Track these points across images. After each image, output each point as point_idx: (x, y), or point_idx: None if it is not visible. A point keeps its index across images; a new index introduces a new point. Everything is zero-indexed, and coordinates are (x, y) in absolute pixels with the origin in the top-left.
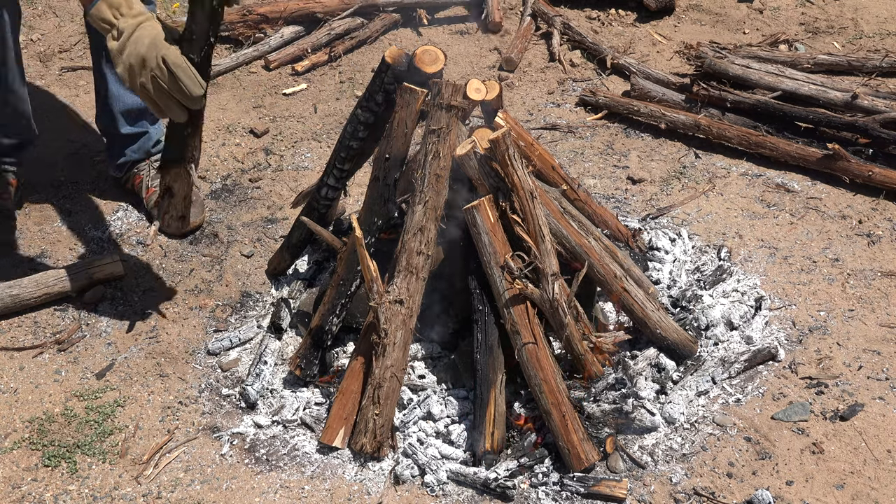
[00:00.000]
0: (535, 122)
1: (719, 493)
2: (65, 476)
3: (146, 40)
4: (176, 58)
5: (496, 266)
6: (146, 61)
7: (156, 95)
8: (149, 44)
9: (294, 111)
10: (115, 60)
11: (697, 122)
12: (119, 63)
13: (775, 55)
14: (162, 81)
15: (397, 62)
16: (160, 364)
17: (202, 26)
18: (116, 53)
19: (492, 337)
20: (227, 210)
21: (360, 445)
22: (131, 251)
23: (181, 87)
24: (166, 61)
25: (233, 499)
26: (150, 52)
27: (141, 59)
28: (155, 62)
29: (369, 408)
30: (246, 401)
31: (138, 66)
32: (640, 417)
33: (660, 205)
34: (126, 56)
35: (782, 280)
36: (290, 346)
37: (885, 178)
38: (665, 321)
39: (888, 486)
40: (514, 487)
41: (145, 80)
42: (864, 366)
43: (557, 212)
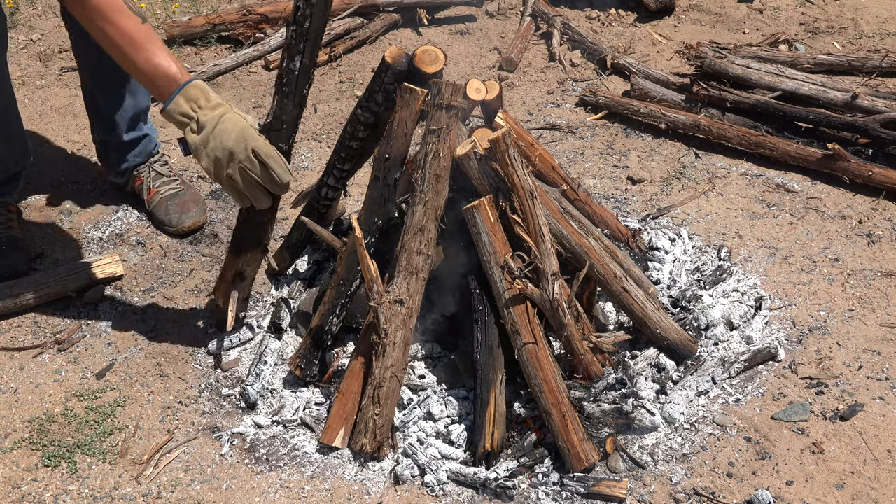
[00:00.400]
0: (535, 122)
1: (719, 493)
2: (65, 476)
3: (233, 133)
4: (267, 148)
5: (496, 266)
6: (234, 154)
7: (244, 186)
8: (236, 136)
9: None
10: (198, 153)
11: (697, 122)
12: (203, 156)
13: (775, 55)
14: (252, 173)
15: (397, 62)
16: (160, 364)
17: (292, 115)
18: (199, 147)
19: (492, 337)
20: (227, 210)
21: (360, 445)
22: (131, 251)
23: (272, 177)
24: (257, 153)
25: (233, 499)
26: (238, 144)
27: (229, 151)
28: (244, 154)
29: (369, 408)
30: (246, 401)
31: (226, 158)
32: (640, 417)
33: (660, 205)
34: (211, 149)
35: (782, 280)
36: (290, 346)
37: (885, 178)
38: (665, 321)
39: (888, 486)
40: (514, 487)
41: (233, 172)
42: (864, 366)
43: (557, 212)
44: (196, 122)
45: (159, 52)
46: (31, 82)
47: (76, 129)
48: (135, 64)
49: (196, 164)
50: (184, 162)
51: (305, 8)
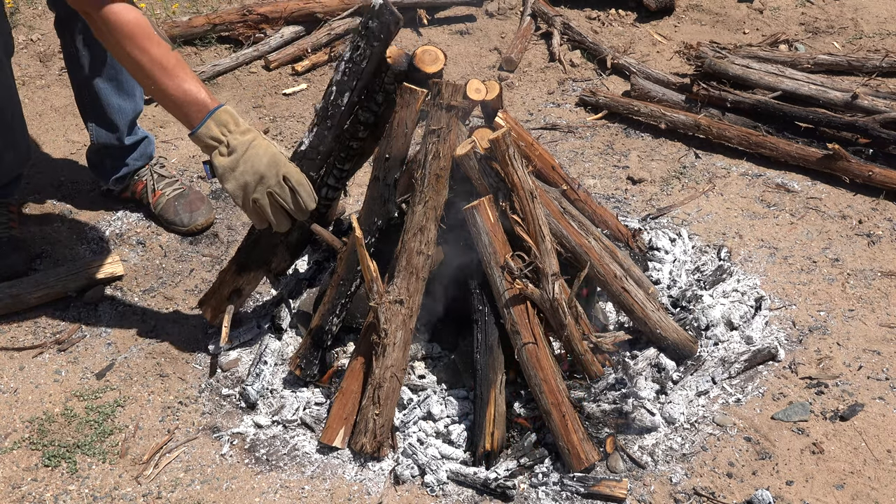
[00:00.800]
0: (535, 122)
1: (719, 493)
2: (65, 476)
3: (264, 158)
4: (299, 175)
5: (496, 266)
6: (265, 178)
7: (268, 211)
8: (268, 161)
9: (294, 111)
10: (225, 176)
11: (697, 122)
12: (230, 179)
13: (775, 55)
14: (281, 198)
15: (397, 62)
16: (160, 364)
17: (329, 147)
18: (227, 170)
19: (492, 337)
20: (227, 210)
21: (360, 445)
22: (131, 251)
23: (299, 203)
24: (288, 179)
25: (233, 499)
26: (269, 169)
27: (259, 175)
28: (275, 179)
29: (369, 408)
30: (246, 401)
31: (255, 182)
32: (640, 417)
33: (660, 205)
34: (240, 173)
35: (782, 280)
36: (290, 346)
37: (885, 178)
38: (665, 321)
39: (888, 486)
40: (514, 487)
41: (260, 197)
42: (864, 366)
43: (557, 212)
44: (226, 145)
45: (189, 79)
46: (31, 82)
47: (76, 129)
48: (165, 90)
49: (197, 164)
50: (183, 162)
51: (366, 49)
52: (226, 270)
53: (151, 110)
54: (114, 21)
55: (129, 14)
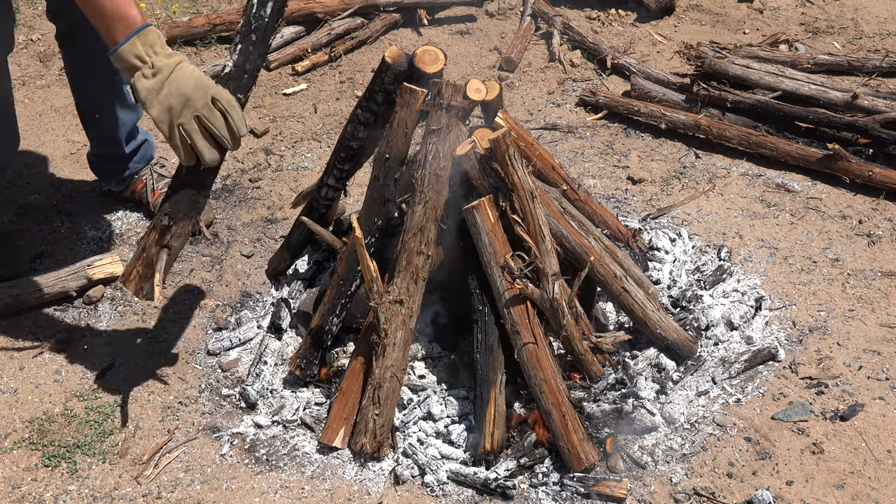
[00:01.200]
0: (535, 122)
1: (719, 493)
2: (65, 476)
3: (190, 80)
4: (229, 96)
5: (496, 266)
6: (191, 101)
7: (195, 138)
8: (195, 83)
9: (294, 111)
10: (149, 100)
11: (697, 122)
12: (154, 103)
13: (775, 55)
14: (209, 122)
15: (397, 62)
16: (160, 364)
17: (256, 64)
18: (151, 92)
19: (492, 337)
20: (227, 210)
21: (360, 445)
22: (131, 251)
23: (231, 128)
24: (217, 101)
25: (233, 499)
26: (196, 91)
27: (185, 98)
28: (203, 101)
29: (369, 408)
30: (246, 401)
31: (180, 105)
32: (640, 417)
33: (660, 205)
34: (165, 95)
35: (782, 280)
36: (290, 346)
37: (885, 178)
38: (665, 321)
39: (888, 486)
40: (514, 487)
41: (186, 122)
42: (864, 366)
43: (557, 212)
44: (150, 66)
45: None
46: (31, 82)
47: (76, 129)
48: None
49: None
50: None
51: None
52: (147, 234)
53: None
54: None
55: None
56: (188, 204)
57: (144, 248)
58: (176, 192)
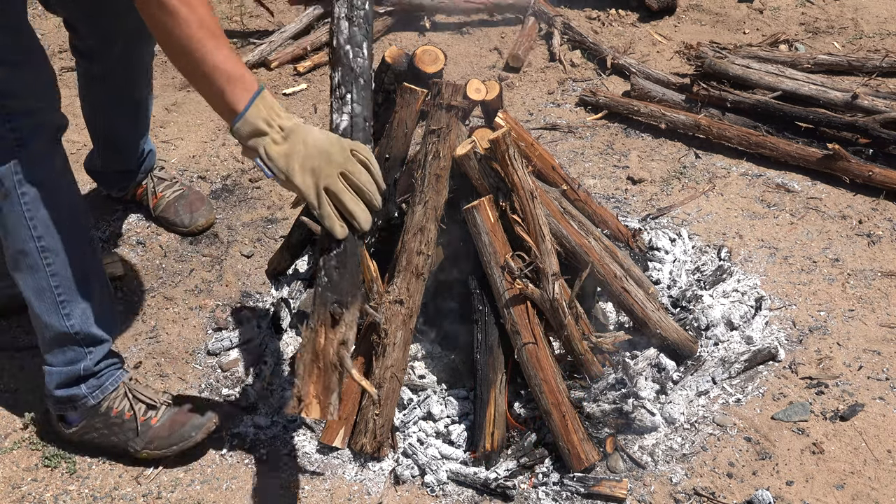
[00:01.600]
0: (535, 122)
1: (719, 493)
2: (65, 476)
3: (321, 135)
4: (364, 147)
5: (496, 266)
6: (332, 156)
7: (346, 198)
8: (327, 138)
9: (294, 111)
10: (290, 165)
11: (697, 122)
12: (295, 168)
13: (775, 55)
14: (354, 177)
15: (397, 62)
16: (160, 364)
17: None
18: (289, 157)
19: (492, 337)
20: (227, 210)
21: (360, 445)
22: (131, 251)
23: (375, 181)
24: (356, 152)
25: (233, 499)
26: (334, 146)
27: (326, 155)
28: (344, 155)
29: (369, 408)
30: (246, 401)
31: (323, 164)
32: (640, 417)
33: (660, 205)
34: (305, 157)
35: (782, 280)
36: (290, 346)
37: (885, 178)
38: (665, 321)
39: (888, 486)
40: (514, 487)
41: (332, 182)
42: (864, 366)
43: (557, 212)
44: (279, 129)
45: (230, 48)
46: None
47: (76, 129)
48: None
49: (196, 164)
50: (183, 162)
51: None
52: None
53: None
54: None
55: None
56: (352, 281)
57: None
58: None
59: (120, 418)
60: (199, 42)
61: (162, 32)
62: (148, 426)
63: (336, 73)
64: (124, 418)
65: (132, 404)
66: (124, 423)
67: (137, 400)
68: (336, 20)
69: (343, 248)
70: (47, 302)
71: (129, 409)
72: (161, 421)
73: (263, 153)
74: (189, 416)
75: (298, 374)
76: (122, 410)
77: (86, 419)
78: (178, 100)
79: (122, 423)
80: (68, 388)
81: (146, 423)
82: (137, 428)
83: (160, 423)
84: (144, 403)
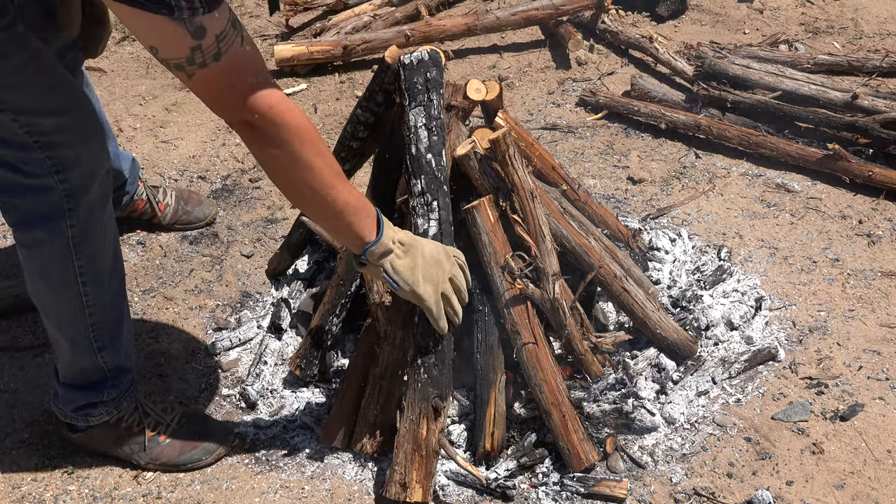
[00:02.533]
0: (535, 122)
1: (719, 493)
2: (65, 476)
3: (430, 245)
4: (461, 255)
5: (496, 266)
6: (443, 265)
7: (454, 300)
8: (435, 247)
9: None
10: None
11: (697, 122)
12: (419, 279)
13: (775, 55)
14: (458, 281)
15: (397, 62)
16: (160, 364)
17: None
18: (412, 270)
19: (492, 337)
20: (227, 210)
21: (361, 446)
22: (131, 251)
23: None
24: (458, 257)
25: (233, 499)
26: (439, 251)
27: (440, 264)
28: (451, 262)
29: (369, 408)
30: (246, 401)
31: (440, 273)
32: (640, 417)
33: (660, 205)
34: (425, 269)
35: (782, 280)
36: (290, 346)
37: (885, 178)
38: (665, 321)
39: (888, 486)
40: (514, 487)
41: (446, 288)
42: (864, 366)
43: (557, 212)
44: (399, 244)
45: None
46: None
47: None
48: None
49: (196, 164)
50: (183, 162)
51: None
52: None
53: (144, 110)
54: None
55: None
56: (448, 375)
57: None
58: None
59: (128, 432)
60: (333, 188)
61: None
62: (156, 442)
63: (419, 181)
64: (133, 432)
65: (142, 419)
66: (132, 436)
67: (147, 416)
68: (414, 129)
69: (441, 346)
70: (82, 345)
71: (139, 423)
72: (170, 439)
73: (390, 268)
74: (201, 441)
75: (399, 462)
76: (132, 424)
77: (94, 428)
78: (178, 100)
79: (130, 437)
80: (85, 410)
81: (153, 439)
82: (145, 443)
83: (169, 442)
84: (155, 419)
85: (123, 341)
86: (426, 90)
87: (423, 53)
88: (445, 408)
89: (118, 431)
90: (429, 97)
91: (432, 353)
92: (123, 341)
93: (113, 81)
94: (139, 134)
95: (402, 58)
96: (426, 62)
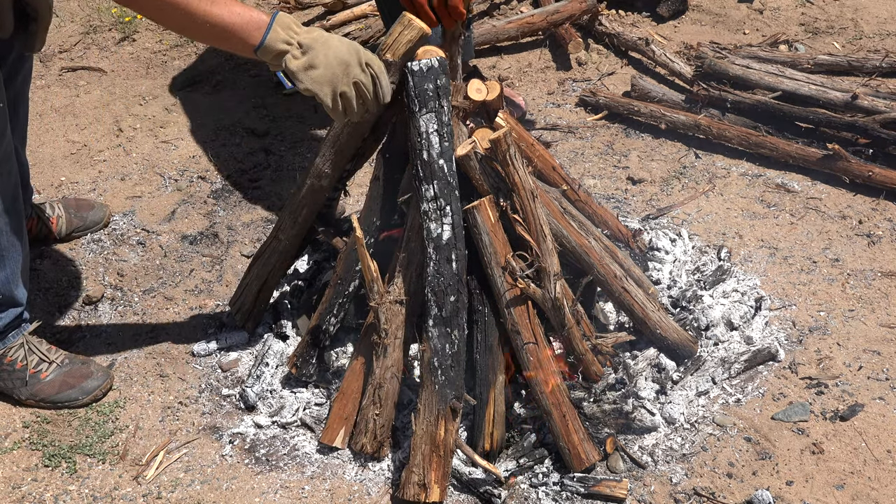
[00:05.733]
0: (535, 123)
1: (719, 493)
2: (65, 476)
3: (342, 46)
4: (379, 62)
5: (496, 266)
6: (349, 66)
7: (353, 104)
8: (347, 48)
9: (294, 111)
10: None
11: (697, 123)
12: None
13: (775, 55)
14: (365, 88)
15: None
16: (160, 364)
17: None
18: (309, 67)
19: (492, 337)
20: (227, 210)
21: (361, 446)
22: (131, 251)
23: (379, 95)
24: (370, 65)
25: (233, 499)
26: (352, 56)
27: (345, 64)
28: (359, 67)
29: (369, 408)
30: (245, 403)
31: (341, 73)
32: (640, 417)
33: (660, 205)
34: (324, 67)
35: (782, 280)
36: (291, 347)
37: (885, 178)
38: (665, 321)
39: (888, 486)
40: (499, 496)
41: (347, 90)
42: (864, 366)
43: (558, 212)
44: (297, 45)
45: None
46: (32, 82)
47: (76, 129)
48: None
49: (196, 164)
50: (183, 162)
51: None
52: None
53: (144, 110)
54: None
55: None
56: (462, 376)
57: (435, 448)
58: (448, 373)
59: (11, 367)
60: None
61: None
62: (37, 379)
63: (431, 186)
64: (15, 367)
65: (26, 355)
66: (14, 371)
67: (32, 353)
68: (425, 135)
69: (457, 348)
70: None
71: (23, 359)
72: (50, 377)
73: (284, 67)
74: (80, 380)
75: (417, 463)
76: (15, 360)
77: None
78: (178, 100)
79: (13, 372)
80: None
81: (35, 375)
82: (26, 378)
83: (49, 379)
84: (38, 357)
85: (18, 273)
86: (437, 97)
87: (433, 60)
88: (461, 409)
89: (2, 365)
90: (440, 104)
91: (449, 356)
92: (18, 273)
93: (113, 81)
94: (139, 134)
95: (411, 65)
96: (436, 69)
